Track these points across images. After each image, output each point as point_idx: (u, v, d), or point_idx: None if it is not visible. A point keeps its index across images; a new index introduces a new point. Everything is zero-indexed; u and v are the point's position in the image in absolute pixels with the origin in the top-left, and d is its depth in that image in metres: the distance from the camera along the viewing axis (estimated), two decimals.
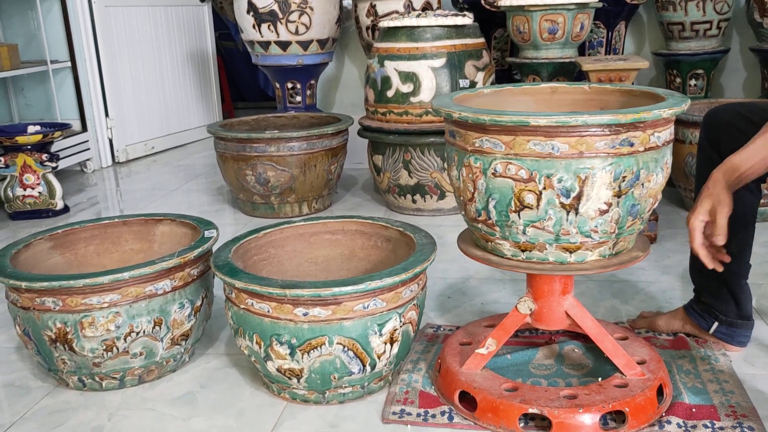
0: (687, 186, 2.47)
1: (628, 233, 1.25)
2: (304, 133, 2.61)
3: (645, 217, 1.25)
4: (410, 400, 1.39)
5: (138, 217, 1.80)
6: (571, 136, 1.13)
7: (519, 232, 1.22)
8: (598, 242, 1.22)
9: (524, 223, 1.20)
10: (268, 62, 3.55)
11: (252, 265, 1.58)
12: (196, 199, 3.14)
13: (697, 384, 1.40)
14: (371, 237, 1.67)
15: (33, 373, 1.60)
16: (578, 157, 1.14)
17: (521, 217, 1.20)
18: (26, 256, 1.60)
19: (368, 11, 3.47)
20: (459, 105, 1.28)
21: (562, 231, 1.20)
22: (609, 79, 2.42)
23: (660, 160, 1.22)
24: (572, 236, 1.20)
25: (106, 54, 3.78)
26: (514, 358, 1.49)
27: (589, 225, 1.19)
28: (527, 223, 1.20)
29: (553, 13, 2.93)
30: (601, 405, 1.25)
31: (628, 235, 1.26)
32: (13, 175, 2.84)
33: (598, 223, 1.19)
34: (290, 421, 1.36)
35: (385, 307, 1.33)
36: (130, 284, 1.42)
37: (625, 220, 1.21)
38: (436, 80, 2.54)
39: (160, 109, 4.22)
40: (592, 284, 1.95)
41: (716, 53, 3.54)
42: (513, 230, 1.22)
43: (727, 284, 1.50)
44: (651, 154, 1.19)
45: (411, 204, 2.71)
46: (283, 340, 1.33)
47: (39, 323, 1.43)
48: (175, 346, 1.53)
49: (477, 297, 1.92)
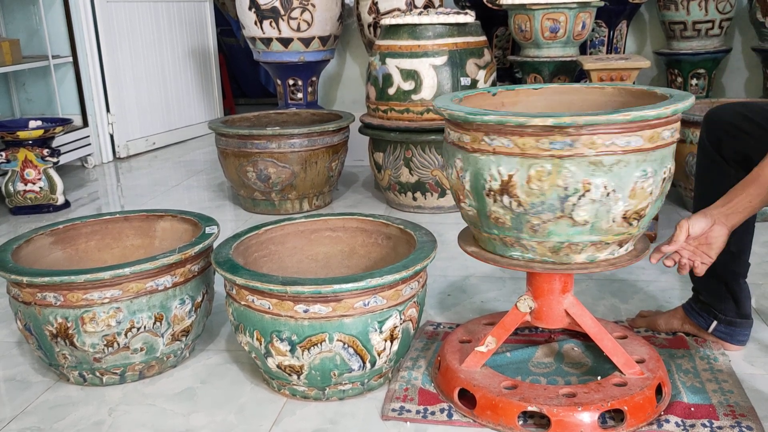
0: (687, 185, 2.47)
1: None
2: (305, 130, 2.61)
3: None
4: (410, 398, 1.40)
5: (139, 213, 1.80)
6: None
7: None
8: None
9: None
10: (269, 59, 3.55)
11: (253, 262, 1.58)
12: (196, 195, 3.14)
13: (695, 383, 1.40)
14: (372, 234, 1.68)
15: (34, 368, 1.60)
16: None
17: None
18: (27, 252, 1.60)
19: (370, 8, 3.47)
20: None
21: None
22: (610, 78, 2.42)
23: None
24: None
25: (107, 49, 3.78)
26: (514, 356, 1.49)
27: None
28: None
29: (555, 12, 2.93)
30: (600, 403, 1.25)
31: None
32: (14, 170, 2.84)
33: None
34: (290, 418, 1.37)
35: (386, 304, 1.34)
36: (131, 280, 1.43)
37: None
38: (438, 78, 2.55)
39: (161, 105, 4.22)
40: (592, 283, 1.96)
41: (718, 53, 3.55)
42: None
43: (727, 283, 1.50)
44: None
45: (411, 201, 2.71)
46: (284, 336, 1.33)
47: (40, 318, 1.43)
48: (175, 342, 1.53)
49: (477, 295, 1.92)
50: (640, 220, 1.23)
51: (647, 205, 1.21)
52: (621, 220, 1.20)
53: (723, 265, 1.48)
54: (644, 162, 1.16)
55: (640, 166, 1.16)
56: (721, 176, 1.43)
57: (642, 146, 1.15)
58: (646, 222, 1.25)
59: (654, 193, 1.21)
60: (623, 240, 1.25)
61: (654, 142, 1.16)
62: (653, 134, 1.16)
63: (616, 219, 1.19)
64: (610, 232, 1.21)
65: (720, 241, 1.27)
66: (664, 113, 1.15)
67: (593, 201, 1.16)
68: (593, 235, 1.21)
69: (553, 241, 1.22)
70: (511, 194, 1.18)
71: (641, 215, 1.22)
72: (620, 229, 1.22)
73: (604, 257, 1.25)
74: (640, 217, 1.22)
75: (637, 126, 1.14)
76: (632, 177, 1.16)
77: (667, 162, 1.22)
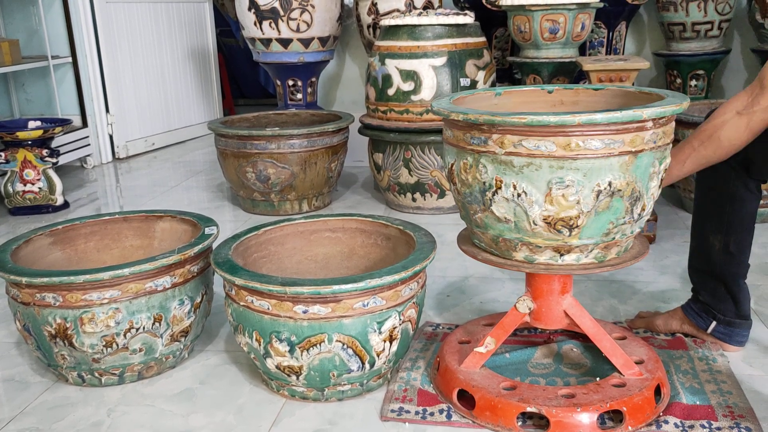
0: (686, 187, 2.48)
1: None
2: (305, 131, 2.61)
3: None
4: (409, 398, 1.40)
5: (138, 214, 1.80)
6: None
7: None
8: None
9: None
10: (269, 59, 3.55)
11: (252, 263, 1.58)
12: (195, 196, 3.14)
13: (694, 384, 1.40)
14: (371, 235, 1.68)
15: (33, 368, 1.60)
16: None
17: None
18: (26, 252, 1.60)
19: (369, 9, 3.46)
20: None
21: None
22: (609, 79, 2.42)
23: None
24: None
25: (106, 50, 3.78)
26: (513, 357, 1.49)
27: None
28: None
29: (554, 13, 2.93)
30: (599, 404, 1.25)
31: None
32: (13, 170, 2.84)
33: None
34: (289, 418, 1.37)
35: (385, 305, 1.34)
36: (130, 280, 1.43)
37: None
38: (437, 79, 2.55)
39: (160, 106, 4.22)
40: (591, 284, 1.96)
41: (717, 54, 3.55)
42: None
43: (726, 284, 1.50)
44: None
45: (411, 202, 2.71)
46: (283, 337, 1.33)
47: (39, 319, 1.43)
48: (174, 343, 1.53)
49: (476, 296, 1.92)
50: (573, 230, 1.19)
51: (577, 216, 1.17)
52: (544, 225, 1.19)
53: (722, 266, 1.49)
54: (560, 169, 1.14)
55: (555, 172, 1.15)
56: (722, 178, 1.43)
57: (554, 152, 1.13)
58: (588, 234, 1.20)
59: (584, 205, 1.16)
60: (560, 247, 1.22)
61: (571, 151, 1.13)
62: (567, 142, 1.12)
63: (536, 222, 1.19)
64: (538, 235, 1.21)
65: None
66: (571, 121, 1.10)
67: (506, 199, 1.19)
68: (519, 233, 1.23)
69: (490, 234, 1.27)
70: (453, 181, 1.30)
71: (571, 225, 1.18)
72: (550, 235, 1.20)
73: (545, 260, 1.25)
74: (570, 227, 1.19)
75: (547, 131, 1.12)
76: (544, 182, 1.16)
77: (604, 175, 1.14)
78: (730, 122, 1.31)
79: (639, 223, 1.25)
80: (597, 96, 1.43)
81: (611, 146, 1.14)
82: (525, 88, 1.50)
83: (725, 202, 1.45)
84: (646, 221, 1.33)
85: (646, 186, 1.20)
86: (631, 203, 1.19)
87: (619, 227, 1.21)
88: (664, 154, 1.23)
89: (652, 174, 1.20)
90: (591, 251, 1.24)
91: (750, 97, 1.29)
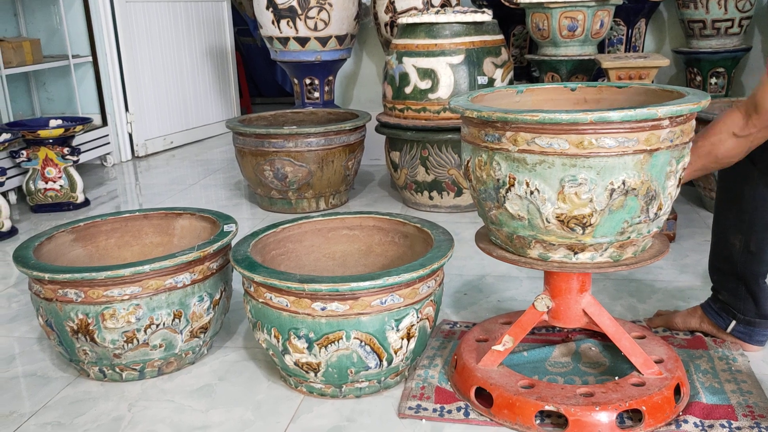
0: (706, 185, 2.45)
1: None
2: (322, 129, 2.62)
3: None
4: (426, 396, 1.40)
5: (158, 211, 1.82)
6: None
7: None
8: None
9: None
10: (286, 58, 3.56)
11: (270, 260, 1.59)
12: (213, 194, 3.16)
13: (714, 383, 1.39)
14: (389, 233, 1.68)
15: (54, 364, 1.62)
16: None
17: None
18: (49, 248, 1.62)
19: (387, 8, 3.47)
20: None
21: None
22: (629, 76, 2.40)
23: None
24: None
25: (126, 49, 3.81)
26: (531, 356, 1.49)
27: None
28: None
29: (573, 10, 2.92)
30: (618, 403, 1.25)
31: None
32: (35, 168, 2.88)
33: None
34: (307, 415, 1.37)
35: (402, 302, 1.34)
36: (151, 277, 1.44)
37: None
38: (455, 77, 2.54)
39: (179, 104, 4.25)
40: (610, 282, 1.95)
41: (737, 51, 3.51)
42: None
43: (746, 283, 1.49)
44: None
45: (428, 200, 2.71)
46: (301, 334, 1.34)
47: (61, 314, 1.45)
48: (194, 339, 1.54)
49: (493, 294, 1.92)
50: (587, 229, 1.19)
51: (590, 214, 1.17)
52: (557, 223, 1.19)
53: (743, 265, 1.47)
54: (573, 167, 1.14)
55: (568, 170, 1.14)
56: (745, 177, 1.42)
57: (566, 150, 1.13)
58: (602, 232, 1.19)
59: (597, 203, 1.16)
60: (574, 245, 1.22)
61: (584, 149, 1.12)
62: (580, 140, 1.12)
63: (549, 219, 1.19)
64: (551, 233, 1.21)
65: None
66: (583, 118, 1.09)
67: (520, 197, 1.19)
68: (533, 231, 1.23)
69: (505, 231, 1.27)
70: (469, 178, 1.31)
71: (584, 223, 1.18)
72: (563, 233, 1.20)
73: (559, 258, 1.25)
74: (583, 225, 1.18)
75: (560, 129, 1.12)
76: (556, 180, 1.15)
77: (618, 173, 1.14)
78: (726, 142, 1.32)
79: (657, 223, 1.24)
80: (620, 94, 1.42)
81: (625, 144, 1.13)
82: (547, 86, 1.49)
83: (747, 201, 1.43)
84: (666, 220, 1.32)
85: (663, 185, 1.19)
86: (646, 202, 1.18)
87: (634, 226, 1.20)
88: (683, 153, 1.22)
89: (669, 173, 1.19)
90: (606, 250, 1.23)
91: (745, 119, 1.29)
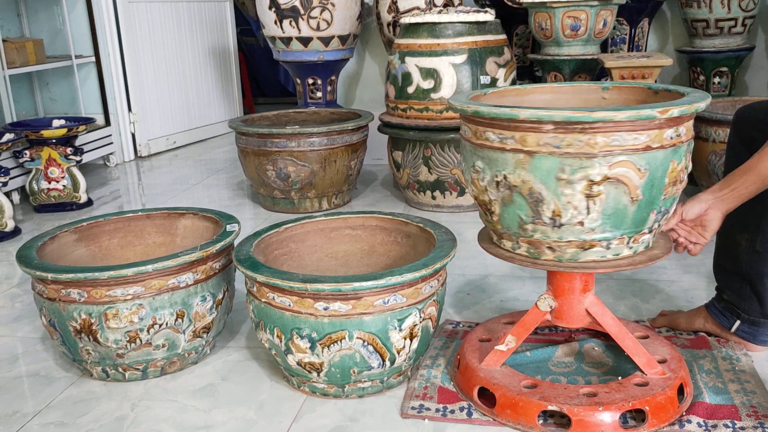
0: (710, 184, 2.45)
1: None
2: (325, 129, 2.62)
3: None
4: (429, 396, 1.40)
5: (161, 211, 1.82)
6: None
7: None
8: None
9: None
10: (289, 58, 3.56)
11: (273, 260, 1.59)
12: (216, 194, 3.16)
13: (718, 383, 1.39)
14: (391, 233, 1.68)
15: (57, 363, 1.63)
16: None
17: None
18: (52, 248, 1.62)
19: (389, 7, 3.47)
20: None
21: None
22: (632, 76, 2.40)
23: None
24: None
25: (129, 49, 3.82)
26: (534, 356, 1.49)
27: None
28: None
29: (576, 10, 2.92)
30: (621, 403, 1.25)
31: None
32: (38, 168, 2.88)
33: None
34: (310, 415, 1.37)
35: (405, 302, 1.34)
36: (154, 277, 1.44)
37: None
38: (457, 77, 2.54)
39: (181, 104, 4.25)
40: (613, 282, 1.94)
41: (741, 51, 3.50)
42: None
43: (751, 283, 1.48)
44: None
45: (430, 200, 2.71)
46: (304, 333, 1.34)
47: (64, 314, 1.45)
48: (196, 339, 1.54)
49: (496, 294, 1.92)
50: (494, 216, 1.24)
51: (489, 201, 1.23)
52: (479, 206, 1.27)
53: (748, 265, 1.47)
54: (474, 155, 1.24)
55: (472, 157, 1.23)
56: None
57: (470, 138, 1.17)
58: (506, 223, 1.22)
59: (490, 192, 1.21)
60: (499, 233, 1.28)
61: (477, 140, 1.19)
62: (476, 130, 1.18)
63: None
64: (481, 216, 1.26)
65: (714, 224, 1.33)
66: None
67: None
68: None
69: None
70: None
71: (490, 210, 1.24)
72: (484, 216, 1.27)
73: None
74: (490, 211, 1.24)
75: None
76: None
77: (501, 167, 1.18)
78: None
79: (573, 232, 1.17)
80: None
81: (504, 141, 1.16)
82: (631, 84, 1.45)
83: (753, 201, 1.43)
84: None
85: (555, 191, 1.14)
86: (533, 203, 1.16)
87: (534, 226, 1.19)
88: (584, 164, 1.12)
89: (561, 180, 1.13)
90: (518, 242, 1.25)
91: None
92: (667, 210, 1.24)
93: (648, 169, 1.14)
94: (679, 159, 1.19)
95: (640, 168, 1.13)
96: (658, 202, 1.19)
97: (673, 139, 1.16)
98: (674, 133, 1.16)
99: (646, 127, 1.11)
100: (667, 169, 1.17)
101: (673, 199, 1.23)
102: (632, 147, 1.12)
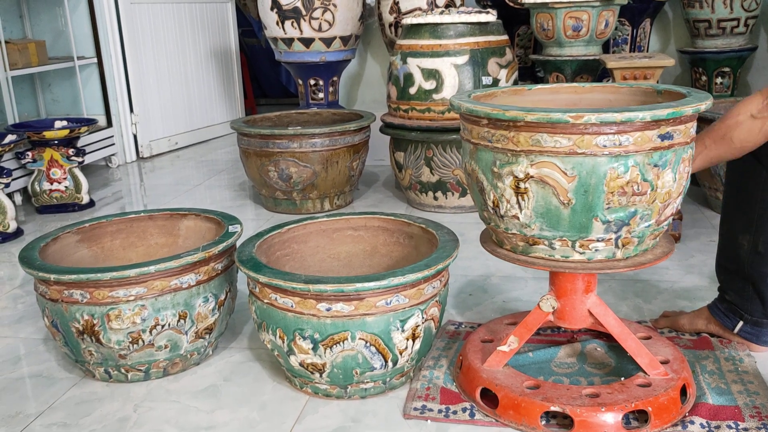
0: (712, 185, 2.45)
1: None
2: (327, 130, 2.62)
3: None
4: (431, 397, 1.40)
5: (163, 212, 1.82)
6: None
7: None
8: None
9: None
10: (290, 59, 3.57)
11: (275, 260, 1.59)
12: (218, 195, 3.16)
13: (721, 384, 1.39)
14: (393, 233, 1.68)
15: (60, 364, 1.63)
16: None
17: None
18: (54, 249, 1.63)
19: (391, 8, 3.47)
20: None
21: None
22: (634, 76, 2.40)
23: None
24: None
25: (131, 50, 3.82)
26: (536, 356, 1.48)
27: None
28: None
29: (578, 10, 2.92)
30: (624, 404, 1.25)
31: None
32: (40, 169, 2.89)
33: None
34: (312, 415, 1.37)
35: (408, 303, 1.34)
36: (156, 278, 1.44)
37: None
38: (459, 77, 2.54)
39: (183, 106, 4.26)
40: (615, 283, 1.94)
41: (743, 51, 3.50)
42: None
43: (754, 283, 1.48)
44: None
45: (432, 201, 2.71)
46: (306, 334, 1.34)
47: (67, 315, 1.45)
48: (199, 340, 1.54)
49: (498, 294, 1.92)
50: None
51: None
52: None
53: (750, 266, 1.47)
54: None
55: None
56: (753, 177, 1.42)
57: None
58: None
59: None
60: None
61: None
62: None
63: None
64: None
65: None
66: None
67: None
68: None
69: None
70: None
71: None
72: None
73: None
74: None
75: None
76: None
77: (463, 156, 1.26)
78: (743, 124, 1.31)
79: (515, 225, 1.23)
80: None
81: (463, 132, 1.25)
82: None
83: (755, 201, 1.43)
84: (672, 220, 1.31)
85: (492, 182, 1.22)
86: (480, 190, 1.25)
87: (490, 217, 1.26)
88: (511, 160, 1.17)
89: (495, 173, 1.20)
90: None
91: (764, 100, 1.29)
92: (626, 223, 1.16)
93: (575, 173, 1.14)
94: (625, 168, 1.12)
95: (566, 171, 1.14)
96: (599, 210, 1.15)
97: (608, 147, 1.11)
98: (608, 140, 1.10)
99: (568, 131, 1.11)
100: (605, 177, 1.13)
101: (630, 212, 1.15)
102: (552, 149, 1.13)
